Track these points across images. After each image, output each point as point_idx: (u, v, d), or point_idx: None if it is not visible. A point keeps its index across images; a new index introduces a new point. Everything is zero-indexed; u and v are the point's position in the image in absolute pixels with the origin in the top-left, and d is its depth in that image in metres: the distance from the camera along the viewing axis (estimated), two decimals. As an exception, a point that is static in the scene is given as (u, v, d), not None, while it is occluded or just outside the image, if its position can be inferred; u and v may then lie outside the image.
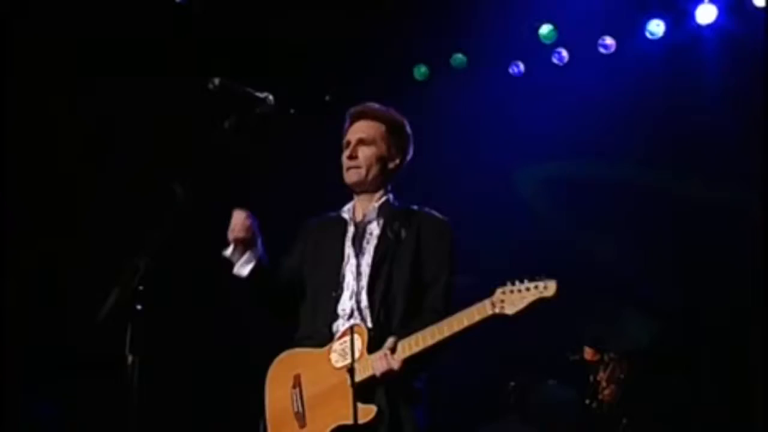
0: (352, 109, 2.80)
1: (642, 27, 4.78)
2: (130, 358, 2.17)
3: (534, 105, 4.96)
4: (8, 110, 4.45)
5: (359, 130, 2.75)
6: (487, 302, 2.39)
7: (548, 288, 2.32)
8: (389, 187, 2.78)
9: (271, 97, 2.55)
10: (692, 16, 4.67)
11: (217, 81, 2.45)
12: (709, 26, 4.63)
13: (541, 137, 4.85)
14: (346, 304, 2.62)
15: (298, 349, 2.67)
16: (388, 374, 2.46)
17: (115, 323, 2.16)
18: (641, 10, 4.78)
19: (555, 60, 5.01)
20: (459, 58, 5.12)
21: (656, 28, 4.76)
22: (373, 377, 2.48)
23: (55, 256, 4.64)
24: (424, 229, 2.67)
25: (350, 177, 2.74)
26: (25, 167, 4.57)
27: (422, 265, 2.63)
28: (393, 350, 2.46)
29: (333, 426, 2.51)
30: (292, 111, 2.56)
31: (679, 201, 4.64)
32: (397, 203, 2.77)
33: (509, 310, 2.34)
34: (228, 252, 2.67)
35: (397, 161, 2.76)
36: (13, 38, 4.37)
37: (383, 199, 2.75)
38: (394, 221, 2.66)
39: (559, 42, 4.98)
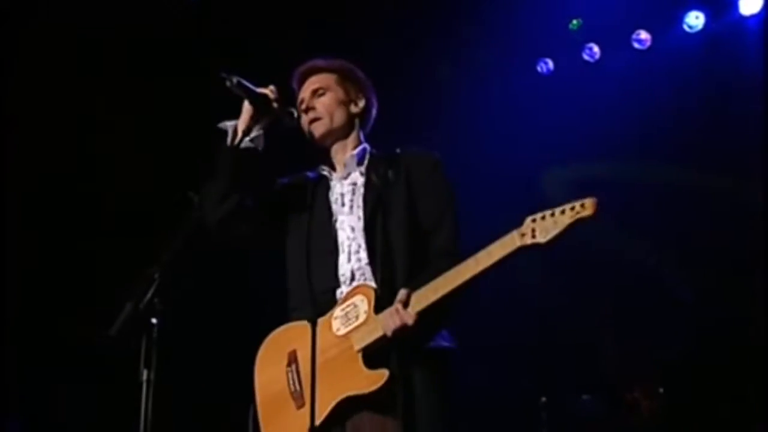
0: (296, 72, 2.67)
1: (679, 20, 4.72)
2: (144, 374, 2.16)
3: (563, 104, 4.92)
4: (25, 108, 4.50)
5: (310, 83, 2.64)
6: (515, 233, 2.17)
7: (586, 206, 2.07)
8: (362, 137, 2.64)
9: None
10: (735, 6, 4.59)
11: (235, 80, 2.42)
12: (755, 16, 4.54)
13: (571, 137, 4.81)
14: (345, 267, 2.45)
15: (291, 324, 2.47)
16: (401, 331, 2.24)
17: (130, 337, 2.16)
18: (678, 2, 4.72)
19: (586, 56, 4.97)
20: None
21: (695, 20, 4.69)
22: (383, 338, 2.27)
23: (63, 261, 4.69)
24: (414, 168, 2.52)
25: (317, 131, 2.58)
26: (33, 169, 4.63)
27: (420, 206, 2.46)
28: (405, 304, 2.25)
29: (338, 399, 2.28)
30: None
31: (721, 202, 4.55)
32: (375, 150, 2.62)
33: (541, 238, 2.11)
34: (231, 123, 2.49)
35: (361, 104, 2.64)
36: (19, 36, 4.43)
37: (360, 146, 2.60)
38: (378, 166, 2.52)
39: (590, 37, 4.94)
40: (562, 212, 2.12)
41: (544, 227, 2.12)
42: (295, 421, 2.34)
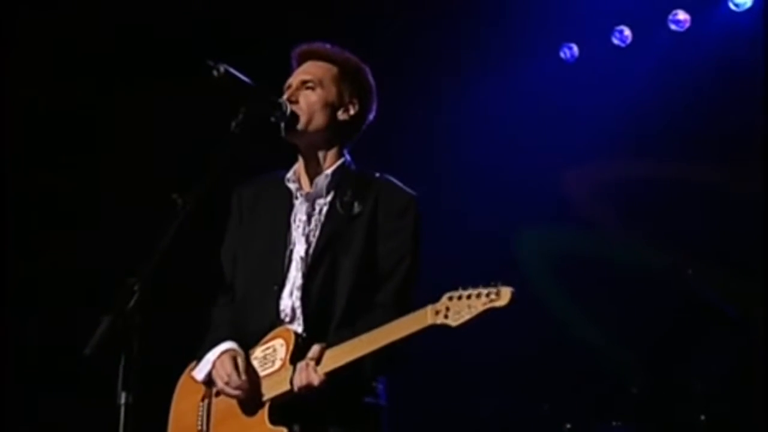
0: (299, 49, 2.64)
1: (724, -4, 4.69)
2: (122, 396, 2.15)
3: (589, 94, 4.91)
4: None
5: (304, 71, 2.60)
6: (429, 309, 2.28)
7: (501, 295, 2.20)
8: (344, 150, 2.61)
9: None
10: (793, -23, 4.56)
11: (222, 69, 2.40)
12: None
13: (597, 130, 4.80)
14: (285, 302, 2.48)
15: None
16: (307, 389, 2.34)
17: (107, 354, 2.16)
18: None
19: (615, 40, 4.97)
20: None
21: (742, -3, 4.65)
22: (290, 392, 2.37)
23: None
24: (384, 203, 2.52)
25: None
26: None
27: (379, 249, 2.48)
28: (317, 361, 2.34)
29: None
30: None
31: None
32: (353, 167, 2.60)
33: (452, 321, 2.24)
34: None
35: (352, 112, 2.58)
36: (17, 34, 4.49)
37: (338, 163, 2.57)
38: (346, 191, 2.52)
39: (621, 18, 4.93)
40: (478, 296, 2.24)
41: (457, 309, 2.26)
42: None
